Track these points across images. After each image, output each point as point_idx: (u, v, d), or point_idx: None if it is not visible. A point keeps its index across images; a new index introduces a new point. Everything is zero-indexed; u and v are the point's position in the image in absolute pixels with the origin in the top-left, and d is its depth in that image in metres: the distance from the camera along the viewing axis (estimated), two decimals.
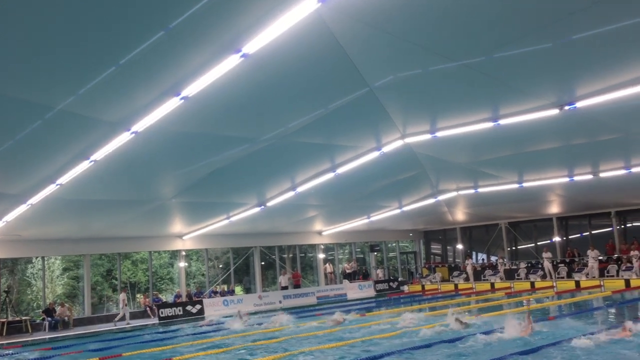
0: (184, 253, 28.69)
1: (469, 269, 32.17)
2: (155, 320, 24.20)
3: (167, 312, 24.79)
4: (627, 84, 12.38)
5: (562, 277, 27.89)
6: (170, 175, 17.69)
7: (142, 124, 12.41)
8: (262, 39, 9.57)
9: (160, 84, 10.78)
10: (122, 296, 24.80)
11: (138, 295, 31.39)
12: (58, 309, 23.82)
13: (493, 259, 34.75)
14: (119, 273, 28.31)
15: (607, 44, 10.87)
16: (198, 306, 25.66)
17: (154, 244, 27.47)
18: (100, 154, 13.82)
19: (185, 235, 27.24)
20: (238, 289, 32.88)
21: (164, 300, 27.63)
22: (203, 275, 32.95)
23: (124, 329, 21.74)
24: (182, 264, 28.63)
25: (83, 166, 14.50)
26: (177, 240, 27.50)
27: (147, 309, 25.88)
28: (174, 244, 27.65)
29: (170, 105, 11.60)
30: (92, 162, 14.28)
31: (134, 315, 25.79)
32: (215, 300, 26.72)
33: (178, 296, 26.95)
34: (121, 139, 13.10)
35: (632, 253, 26.33)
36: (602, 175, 21.39)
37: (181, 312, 25.01)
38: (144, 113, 11.91)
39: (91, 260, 27.15)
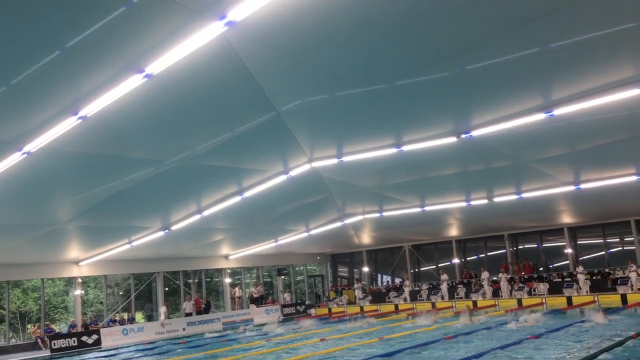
0: (80, 280, 27.10)
1: (356, 292, 33.05)
2: (47, 353, 22.56)
3: (60, 343, 23.18)
4: (516, 115, 13.29)
5: (461, 298, 29.09)
6: (67, 197, 16.73)
7: (35, 144, 11.75)
8: (166, 60, 9.37)
9: (55, 103, 10.25)
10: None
11: (29, 326, 29.19)
12: None
13: (397, 280, 35.69)
14: (7, 302, 26.20)
15: (498, 76, 11.62)
16: (95, 336, 24.24)
17: (47, 270, 25.72)
18: None
19: (82, 261, 25.76)
20: (139, 316, 31.47)
21: (58, 330, 25.88)
22: (101, 303, 31.26)
23: None
24: (78, 291, 27.03)
25: None
26: (72, 267, 25.92)
27: (39, 340, 24.13)
28: (69, 270, 26.03)
29: (67, 124, 11.06)
30: None
31: (23, 348, 23.94)
32: (113, 329, 25.34)
33: (73, 326, 25.32)
34: (12, 160, 12.34)
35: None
36: (496, 200, 22.73)
37: (76, 343, 23.50)
38: (37, 133, 11.28)
39: None
